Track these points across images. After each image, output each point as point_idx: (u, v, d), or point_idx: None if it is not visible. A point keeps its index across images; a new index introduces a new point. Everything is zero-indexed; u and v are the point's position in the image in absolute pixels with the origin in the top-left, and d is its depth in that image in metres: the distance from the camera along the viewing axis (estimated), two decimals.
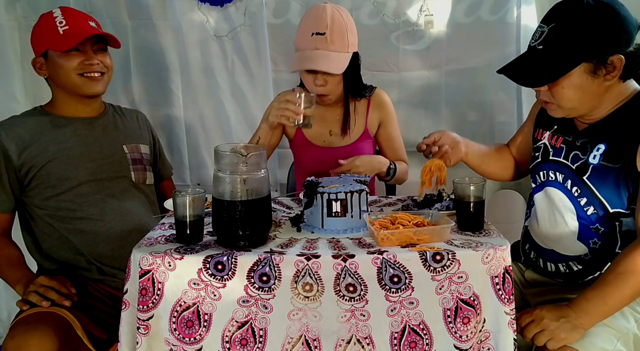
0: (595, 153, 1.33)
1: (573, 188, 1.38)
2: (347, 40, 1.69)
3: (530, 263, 1.54)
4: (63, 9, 1.64)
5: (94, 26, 1.65)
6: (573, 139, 1.41)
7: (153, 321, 1.18)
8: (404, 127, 2.18)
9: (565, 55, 1.27)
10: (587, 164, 1.35)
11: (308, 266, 1.16)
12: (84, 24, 1.63)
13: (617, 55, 1.25)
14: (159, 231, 1.35)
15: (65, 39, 1.57)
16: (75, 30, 1.59)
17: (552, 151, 1.46)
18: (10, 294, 2.42)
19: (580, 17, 1.26)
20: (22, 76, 2.27)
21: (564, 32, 1.28)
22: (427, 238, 1.23)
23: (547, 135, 1.49)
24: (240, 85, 2.34)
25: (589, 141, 1.36)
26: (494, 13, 2.28)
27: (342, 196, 1.32)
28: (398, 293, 1.17)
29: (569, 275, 1.43)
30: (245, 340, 1.18)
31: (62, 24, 1.59)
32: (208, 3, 2.25)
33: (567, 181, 1.39)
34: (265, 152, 1.24)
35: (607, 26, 1.24)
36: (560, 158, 1.42)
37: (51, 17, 1.61)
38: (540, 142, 1.52)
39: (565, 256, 1.42)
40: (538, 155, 1.50)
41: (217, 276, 1.17)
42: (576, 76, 1.27)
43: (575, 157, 1.39)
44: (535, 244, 1.50)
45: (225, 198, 1.20)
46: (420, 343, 1.18)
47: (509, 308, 1.17)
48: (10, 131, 1.58)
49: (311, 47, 1.66)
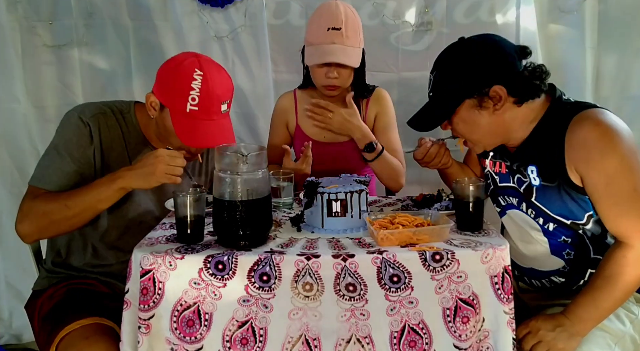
0: (533, 175, 1.35)
1: (528, 210, 1.40)
2: (359, 36, 1.77)
3: (518, 279, 1.55)
4: (205, 79, 1.38)
5: (224, 111, 1.43)
6: (510, 163, 1.43)
7: (154, 320, 1.18)
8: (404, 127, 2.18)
9: (447, 98, 1.35)
10: (531, 186, 1.36)
11: (308, 265, 1.17)
12: (216, 111, 1.41)
13: (496, 85, 1.28)
14: (159, 231, 1.36)
15: (186, 120, 1.39)
16: (202, 115, 1.39)
17: (499, 177, 1.48)
18: (12, 293, 2.44)
19: (454, 59, 1.36)
20: (23, 76, 2.29)
21: (442, 77, 1.37)
22: (426, 237, 1.24)
23: (488, 163, 1.52)
24: (240, 85, 2.35)
25: (521, 163, 1.39)
26: (493, 14, 2.28)
27: (342, 196, 1.32)
28: (398, 292, 1.17)
29: (555, 289, 1.43)
30: (246, 339, 1.19)
31: (194, 103, 1.38)
32: (208, 4, 2.26)
33: (522, 204, 1.41)
34: (265, 152, 1.25)
35: (478, 62, 1.30)
36: (510, 183, 1.44)
37: (189, 81, 1.38)
38: (486, 170, 1.54)
39: (544, 272, 1.43)
40: (490, 182, 1.52)
41: (218, 276, 1.17)
42: (464, 113, 1.34)
43: (519, 181, 1.41)
44: (515, 264, 1.49)
45: (226, 198, 1.21)
46: (419, 342, 1.18)
47: (508, 307, 1.17)
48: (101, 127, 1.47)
49: (328, 41, 1.71)
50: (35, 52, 2.29)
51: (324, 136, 1.91)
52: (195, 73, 1.39)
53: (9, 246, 2.37)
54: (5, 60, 2.24)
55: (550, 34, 2.26)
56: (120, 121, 1.52)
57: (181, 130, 1.40)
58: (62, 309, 1.45)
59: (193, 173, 1.64)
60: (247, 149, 1.23)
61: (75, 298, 1.48)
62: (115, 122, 1.51)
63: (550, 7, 2.24)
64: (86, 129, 1.45)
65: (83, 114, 1.48)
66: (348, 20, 1.72)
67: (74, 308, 1.43)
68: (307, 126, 1.92)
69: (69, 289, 1.52)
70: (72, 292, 1.51)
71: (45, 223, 1.38)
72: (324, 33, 1.71)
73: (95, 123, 1.47)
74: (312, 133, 1.91)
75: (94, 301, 1.47)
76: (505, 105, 1.30)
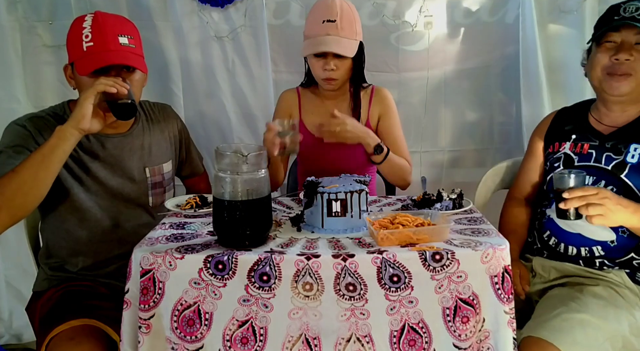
0: (634, 153, 1.43)
1: (607, 187, 1.43)
2: (355, 28, 1.78)
3: (545, 249, 1.57)
4: (95, 17, 1.46)
5: (124, 43, 1.47)
6: (601, 143, 1.50)
7: (154, 320, 1.18)
8: (404, 127, 2.19)
9: None
10: (625, 163, 1.44)
11: (308, 265, 1.17)
12: (112, 41, 1.45)
13: None
14: (159, 231, 1.36)
15: (86, 59, 1.43)
16: (99, 48, 1.43)
17: (577, 158, 1.53)
18: (12, 293, 2.44)
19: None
20: (23, 76, 2.28)
21: None
22: (426, 237, 1.24)
23: (567, 145, 1.57)
24: (240, 85, 2.35)
25: (620, 142, 1.46)
26: (493, 14, 2.29)
27: (342, 196, 1.32)
28: (398, 292, 1.17)
29: (589, 259, 1.47)
30: (246, 338, 1.19)
31: (88, 39, 1.43)
32: (209, 4, 2.25)
33: (600, 182, 1.46)
34: (265, 153, 1.25)
35: None
36: (590, 162, 1.49)
37: (80, 25, 1.46)
38: (559, 153, 1.58)
39: (591, 240, 1.47)
40: (558, 165, 1.56)
41: (218, 276, 1.17)
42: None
43: (608, 158, 1.47)
44: (558, 230, 1.52)
45: (226, 198, 1.21)
46: (419, 341, 1.19)
47: (508, 307, 1.18)
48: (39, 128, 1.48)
49: (322, 33, 1.74)
50: (35, 52, 2.28)
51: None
52: (85, 17, 1.46)
53: (9, 246, 2.36)
54: (5, 60, 2.24)
55: (550, 34, 2.26)
56: (58, 120, 1.49)
57: (85, 67, 1.42)
58: (56, 311, 1.45)
59: None
60: (247, 149, 1.23)
61: (70, 300, 1.48)
62: (51, 123, 1.48)
63: (550, 7, 2.23)
64: (25, 130, 1.46)
65: (16, 121, 1.50)
66: (343, 13, 1.75)
67: (66, 309, 1.43)
68: (310, 122, 1.93)
69: (66, 292, 1.52)
70: (69, 294, 1.51)
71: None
72: (319, 25, 1.74)
73: (30, 124, 1.48)
74: (315, 129, 1.92)
75: (88, 302, 1.46)
76: None
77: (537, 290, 1.54)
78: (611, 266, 1.46)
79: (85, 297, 1.50)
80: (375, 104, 1.92)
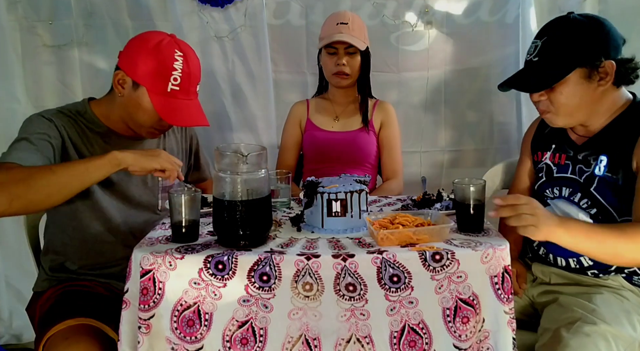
0: (599, 165, 1.39)
1: (582, 201, 1.42)
2: (364, 33, 1.99)
3: (538, 259, 1.56)
4: (185, 60, 1.44)
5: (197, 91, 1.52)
6: (574, 153, 1.47)
7: (154, 320, 1.18)
8: (404, 127, 2.19)
9: (560, 63, 1.35)
10: (594, 176, 1.40)
11: (308, 265, 1.17)
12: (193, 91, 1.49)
13: (608, 60, 1.32)
14: (159, 231, 1.36)
15: (164, 97, 1.43)
16: (182, 95, 1.44)
17: (556, 168, 1.51)
18: (12, 293, 2.44)
19: (570, 28, 1.36)
20: (23, 76, 2.29)
21: (556, 42, 1.37)
22: (426, 237, 1.24)
23: (547, 155, 1.55)
24: (240, 85, 2.35)
25: (590, 153, 1.42)
26: (493, 14, 2.29)
27: (342, 196, 1.32)
28: (398, 292, 1.17)
29: (578, 270, 1.46)
30: (246, 339, 1.19)
31: (176, 82, 1.42)
32: (209, 4, 2.26)
33: (576, 195, 1.44)
34: (265, 153, 1.25)
35: (595, 34, 1.33)
36: (567, 174, 1.47)
37: (171, 58, 1.42)
38: (541, 163, 1.56)
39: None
40: (542, 175, 1.55)
41: (218, 276, 1.17)
42: (572, 82, 1.35)
43: (580, 171, 1.44)
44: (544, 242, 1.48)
45: (226, 198, 1.21)
46: (419, 342, 1.18)
47: (508, 307, 1.18)
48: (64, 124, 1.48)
49: (336, 32, 1.93)
50: (35, 52, 2.29)
51: (332, 126, 2.06)
52: (176, 54, 1.44)
53: (9, 246, 2.36)
54: (5, 60, 2.24)
55: None
56: (79, 120, 1.51)
57: (162, 109, 1.43)
58: (53, 311, 1.45)
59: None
60: (247, 149, 1.23)
61: (68, 300, 1.48)
62: (74, 122, 1.50)
63: (550, 7, 2.23)
64: (50, 123, 1.45)
65: (44, 113, 1.49)
66: (355, 19, 1.96)
67: (63, 309, 1.43)
68: (317, 118, 2.08)
69: (65, 292, 1.52)
70: (68, 294, 1.51)
71: (21, 191, 1.22)
72: (334, 26, 1.94)
73: (57, 118, 1.47)
74: (321, 122, 2.07)
75: (86, 302, 1.46)
76: (607, 83, 1.35)
77: (540, 292, 1.53)
78: (606, 273, 1.43)
79: (83, 297, 1.50)
80: (379, 112, 2.06)
